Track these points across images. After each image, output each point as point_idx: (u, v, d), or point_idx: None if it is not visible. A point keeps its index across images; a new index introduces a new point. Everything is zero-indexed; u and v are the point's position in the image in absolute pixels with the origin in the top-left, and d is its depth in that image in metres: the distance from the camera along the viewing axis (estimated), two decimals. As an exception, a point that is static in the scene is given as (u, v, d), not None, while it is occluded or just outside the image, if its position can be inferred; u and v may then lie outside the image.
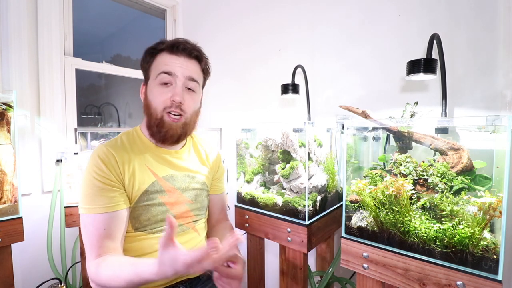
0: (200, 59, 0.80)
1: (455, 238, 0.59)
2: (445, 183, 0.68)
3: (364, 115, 0.88)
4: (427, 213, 0.67)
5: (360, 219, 0.77)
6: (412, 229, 0.65)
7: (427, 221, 0.65)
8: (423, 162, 0.74)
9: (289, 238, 0.91)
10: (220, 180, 0.98)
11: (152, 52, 0.77)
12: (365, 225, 0.75)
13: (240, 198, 1.08)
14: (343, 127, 0.88)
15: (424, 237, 0.64)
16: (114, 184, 0.72)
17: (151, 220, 0.76)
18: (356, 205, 0.79)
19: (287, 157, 0.99)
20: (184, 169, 0.84)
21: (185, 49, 0.76)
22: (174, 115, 0.75)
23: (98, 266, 0.66)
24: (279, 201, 0.95)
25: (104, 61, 1.72)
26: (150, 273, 0.59)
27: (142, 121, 0.83)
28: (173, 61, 0.75)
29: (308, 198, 0.89)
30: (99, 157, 0.72)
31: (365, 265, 0.73)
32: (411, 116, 0.83)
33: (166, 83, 0.74)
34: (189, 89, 0.78)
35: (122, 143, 0.78)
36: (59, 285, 1.31)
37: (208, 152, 0.94)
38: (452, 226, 0.61)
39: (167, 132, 0.76)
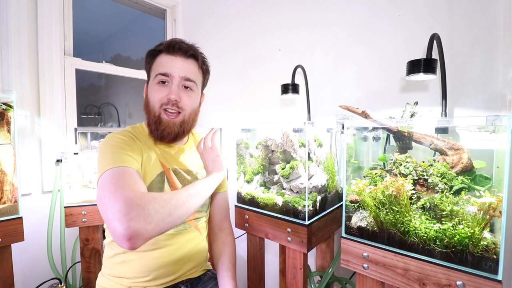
0: (196, 58, 0.81)
1: (455, 238, 0.59)
2: (445, 183, 0.68)
3: (364, 115, 0.88)
4: (427, 213, 0.67)
5: (360, 219, 0.77)
6: (412, 229, 0.65)
7: (427, 221, 0.65)
8: (423, 162, 0.74)
9: (289, 238, 0.91)
10: None
11: (152, 54, 0.80)
12: (365, 225, 0.75)
13: (240, 198, 1.08)
14: (343, 127, 0.88)
15: (424, 237, 0.64)
16: (136, 153, 0.72)
17: None
18: (356, 205, 0.79)
19: (287, 157, 0.99)
20: (186, 165, 0.86)
21: (180, 48, 0.78)
22: (171, 112, 0.78)
23: (147, 193, 0.58)
24: (279, 201, 0.95)
25: (104, 61, 1.72)
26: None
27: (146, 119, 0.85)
28: (169, 62, 0.77)
29: (308, 198, 0.89)
30: (118, 133, 0.75)
31: (365, 265, 0.73)
32: (411, 116, 0.83)
33: (163, 82, 0.77)
34: (186, 87, 0.79)
35: (132, 133, 0.79)
36: (59, 285, 1.31)
37: None
38: (452, 226, 0.61)
39: (165, 130, 0.78)
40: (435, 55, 0.83)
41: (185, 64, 0.79)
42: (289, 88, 1.22)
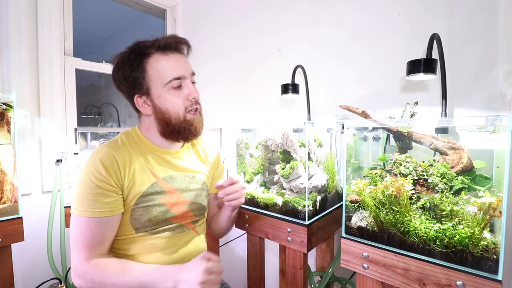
0: (188, 53, 0.79)
1: (455, 238, 0.59)
2: (445, 183, 0.68)
3: (364, 115, 0.88)
4: (427, 213, 0.67)
5: (360, 219, 0.77)
6: (412, 229, 0.65)
7: (427, 221, 0.65)
8: (423, 162, 0.74)
9: (289, 238, 0.91)
10: (220, 176, 0.98)
11: (138, 59, 0.72)
12: (365, 225, 0.75)
13: (240, 198, 1.07)
14: (343, 127, 0.88)
15: (424, 237, 0.64)
16: (113, 189, 0.70)
17: (152, 221, 0.76)
18: (356, 205, 0.79)
19: (287, 157, 0.99)
20: (183, 169, 0.84)
21: (177, 47, 0.75)
22: (194, 110, 0.77)
23: (94, 267, 0.68)
24: (279, 201, 0.95)
25: (104, 61, 1.72)
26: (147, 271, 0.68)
27: (140, 124, 0.82)
28: (173, 63, 0.73)
29: (308, 198, 0.89)
30: (100, 160, 0.70)
31: (365, 265, 0.73)
32: (411, 116, 0.83)
33: (179, 86, 0.74)
34: (193, 82, 0.79)
35: (123, 143, 0.76)
36: (59, 285, 1.31)
37: (206, 150, 0.94)
38: (452, 226, 0.61)
39: (196, 129, 0.78)
40: (435, 55, 0.83)
41: (184, 59, 0.77)
42: (289, 88, 1.22)
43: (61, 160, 1.20)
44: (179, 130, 0.76)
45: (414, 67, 0.80)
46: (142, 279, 0.66)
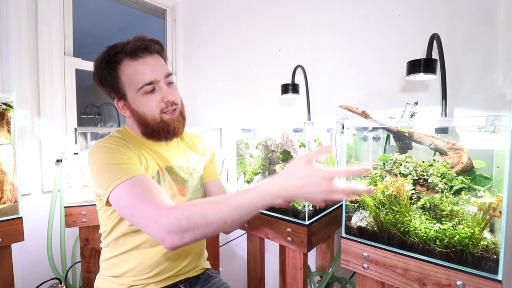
0: (161, 52, 0.79)
1: (455, 238, 0.59)
2: (445, 183, 0.68)
3: (364, 115, 0.88)
4: (427, 213, 0.67)
5: (360, 219, 0.77)
6: (412, 229, 0.65)
7: (427, 221, 0.65)
8: (423, 162, 0.74)
9: (289, 238, 0.91)
10: (212, 163, 0.98)
11: (110, 66, 0.73)
12: (365, 225, 0.75)
13: (240, 198, 1.07)
14: (343, 127, 0.88)
15: (424, 237, 0.64)
16: (134, 157, 0.71)
17: None
18: (356, 205, 0.79)
19: (287, 157, 0.99)
20: (178, 161, 0.86)
21: (147, 49, 0.74)
22: (171, 110, 0.78)
23: (172, 207, 0.57)
24: (279, 201, 0.95)
25: (104, 61, 1.72)
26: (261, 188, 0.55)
27: (129, 124, 0.83)
28: (143, 68, 0.72)
29: (308, 198, 0.89)
30: (109, 142, 0.71)
31: (365, 265, 0.73)
32: (411, 116, 0.83)
33: (152, 90, 0.74)
34: (169, 83, 0.78)
35: (121, 138, 0.78)
36: (59, 285, 1.31)
37: (193, 139, 0.96)
38: (452, 226, 0.61)
39: (174, 129, 0.78)
40: (435, 55, 0.83)
41: (156, 61, 0.76)
42: (289, 88, 1.22)
43: (61, 160, 1.20)
44: (158, 131, 0.77)
45: (414, 67, 0.80)
46: (242, 203, 0.56)
